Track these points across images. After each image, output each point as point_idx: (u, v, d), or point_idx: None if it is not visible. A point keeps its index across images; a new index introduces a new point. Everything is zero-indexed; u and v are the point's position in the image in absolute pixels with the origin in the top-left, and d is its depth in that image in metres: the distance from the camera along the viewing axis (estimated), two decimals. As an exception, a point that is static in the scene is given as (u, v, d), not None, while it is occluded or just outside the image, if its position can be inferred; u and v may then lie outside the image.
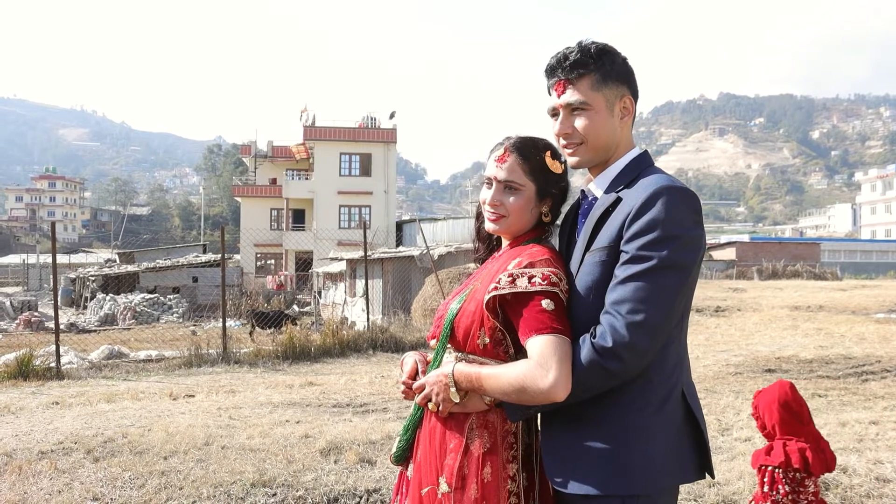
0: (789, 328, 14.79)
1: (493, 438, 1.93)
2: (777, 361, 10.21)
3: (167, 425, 6.16)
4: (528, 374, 1.74)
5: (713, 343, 12.89)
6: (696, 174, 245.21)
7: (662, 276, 1.71)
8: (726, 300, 20.51)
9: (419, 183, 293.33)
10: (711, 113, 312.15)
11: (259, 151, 51.58)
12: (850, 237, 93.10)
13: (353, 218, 44.82)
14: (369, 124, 46.78)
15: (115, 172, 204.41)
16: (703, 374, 9.01)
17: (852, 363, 9.91)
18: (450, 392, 1.91)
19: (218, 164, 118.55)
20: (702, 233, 1.79)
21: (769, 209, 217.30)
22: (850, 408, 6.89)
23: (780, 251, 46.59)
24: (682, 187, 1.79)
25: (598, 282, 1.81)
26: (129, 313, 23.56)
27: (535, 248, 1.97)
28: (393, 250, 22.77)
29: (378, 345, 12.39)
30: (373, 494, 4.39)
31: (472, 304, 1.97)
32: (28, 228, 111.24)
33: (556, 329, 1.76)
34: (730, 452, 5.23)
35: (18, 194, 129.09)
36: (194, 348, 11.04)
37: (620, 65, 1.92)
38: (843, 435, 5.66)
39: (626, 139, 1.97)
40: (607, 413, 1.79)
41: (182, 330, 18.73)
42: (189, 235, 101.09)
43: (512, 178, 2.00)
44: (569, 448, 1.83)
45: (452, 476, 1.90)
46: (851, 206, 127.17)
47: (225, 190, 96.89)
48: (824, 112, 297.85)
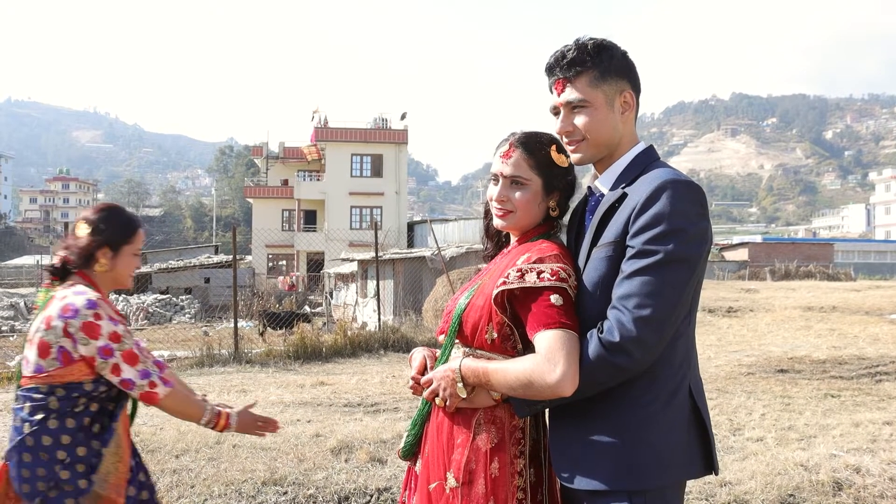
0: (802, 329, 14.70)
1: (500, 434, 1.93)
2: (790, 362, 10.14)
3: (179, 424, 6.17)
4: (536, 369, 1.74)
5: (725, 343, 12.83)
6: (708, 175, 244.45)
7: (669, 270, 1.70)
8: (738, 301, 20.41)
9: (430, 184, 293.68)
10: (724, 113, 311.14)
11: (271, 153, 51.71)
12: (864, 238, 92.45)
13: (365, 219, 44.85)
14: (381, 125, 46.83)
15: (128, 174, 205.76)
16: (715, 374, 8.98)
17: (866, 364, 9.84)
18: (457, 387, 1.91)
19: (230, 165, 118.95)
20: (707, 225, 1.78)
21: (782, 210, 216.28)
22: (864, 408, 6.84)
23: (793, 252, 46.33)
24: (686, 180, 1.79)
25: (605, 277, 1.81)
26: (142, 314, 23.69)
27: (543, 243, 1.97)
28: (404, 251, 22.79)
29: (389, 345, 12.40)
30: (383, 493, 4.39)
31: (480, 299, 1.97)
32: (42, 230, 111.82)
33: (564, 324, 1.76)
34: (741, 452, 5.21)
35: (33, 196, 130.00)
36: (206, 348, 11.08)
37: (619, 59, 1.92)
38: (857, 435, 5.62)
39: (629, 134, 1.97)
40: (615, 408, 1.79)
41: (194, 330, 18.79)
42: (201, 236, 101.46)
43: (518, 172, 2.00)
44: (576, 443, 1.83)
45: (460, 471, 1.91)
46: (865, 206, 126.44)
47: (237, 191, 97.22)
48: (838, 112, 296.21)
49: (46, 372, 2.36)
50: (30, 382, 2.38)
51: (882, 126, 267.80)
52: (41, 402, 2.36)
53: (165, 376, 2.47)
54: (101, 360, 2.36)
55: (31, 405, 2.37)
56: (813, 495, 4.27)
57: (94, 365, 2.37)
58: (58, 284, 2.51)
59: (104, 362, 2.36)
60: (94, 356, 2.35)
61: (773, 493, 4.27)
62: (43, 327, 2.37)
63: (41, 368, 2.37)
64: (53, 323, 2.36)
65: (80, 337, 2.34)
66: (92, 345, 2.35)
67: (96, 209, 2.62)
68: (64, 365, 2.36)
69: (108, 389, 2.43)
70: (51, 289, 2.51)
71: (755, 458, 4.98)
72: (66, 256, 2.50)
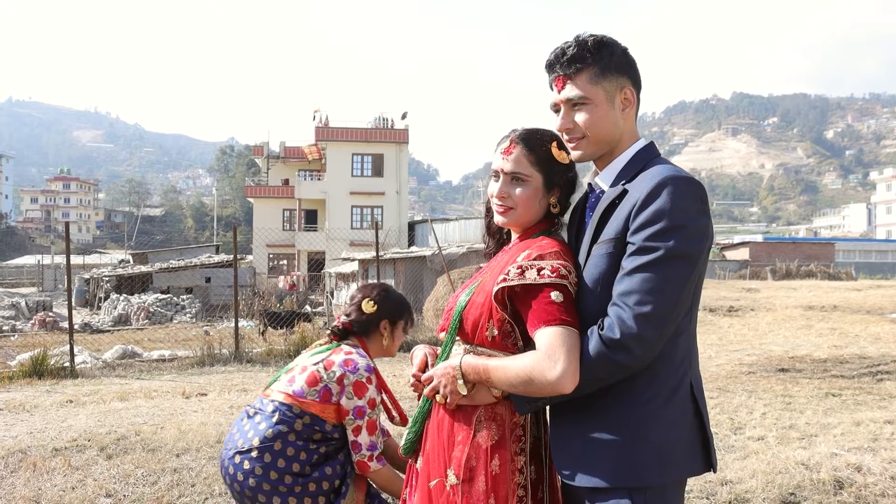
0: (803, 328, 14.68)
1: (501, 431, 1.93)
2: (791, 361, 10.13)
3: (180, 423, 6.18)
4: (537, 366, 1.73)
5: (726, 342, 12.82)
6: (709, 174, 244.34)
7: (670, 267, 1.69)
8: (739, 300, 20.40)
9: (431, 184, 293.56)
10: (724, 113, 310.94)
11: (271, 152, 51.74)
12: (865, 237, 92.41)
13: (366, 218, 44.86)
14: (381, 125, 46.82)
15: (129, 174, 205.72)
16: (715, 374, 8.97)
17: (867, 363, 9.83)
18: (457, 384, 1.91)
19: (230, 165, 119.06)
20: (708, 222, 1.78)
21: (783, 209, 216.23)
22: (865, 407, 6.83)
23: (794, 251, 46.33)
24: (686, 177, 1.78)
25: (605, 274, 1.80)
26: (143, 313, 23.68)
27: (544, 240, 1.96)
28: (405, 251, 22.78)
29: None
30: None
31: (480, 296, 1.97)
32: (43, 230, 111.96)
33: (564, 321, 1.76)
34: (742, 451, 5.20)
35: (33, 196, 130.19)
36: (207, 348, 11.09)
37: (619, 56, 1.91)
38: (858, 434, 5.62)
39: (629, 130, 1.96)
40: (616, 405, 1.78)
41: (195, 330, 18.79)
42: (202, 236, 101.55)
43: (518, 169, 1.99)
44: (577, 440, 1.83)
45: (461, 468, 1.91)
46: (866, 205, 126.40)
47: (237, 191, 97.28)
48: (839, 111, 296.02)
49: (305, 399, 2.74)
50: (288, 399, 2.75)
51: (883, 125, 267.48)
52: (290, 419, 2.72)
53: (380, 454, 2.84)
54: (352, 417, 2.75)
55: (281, 417, 2.73)
56: (814, 494, 4.26)
57: (344, 416, 2.76)
58: (335, 344, 2.92)
59: (352, 420, 2.75)
60: (350, 410, 2.74)
61: (774, 492, 4.27)
62: (322, 367, 2.78)
63: (302, 393, 2.75)
64: (333, 369, 2.77)
65: (349, 391, 2.75)
66: (354, 401, 2.74)
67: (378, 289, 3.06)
68: (321, 401, 2.74)
69: (339, 439, 2.80)
70: (329, 345, 2.93)
71: (756, 456, 4.97)
72: (349, 323, 2.96)
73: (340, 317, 3.00)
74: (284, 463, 2.68)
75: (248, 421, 2.79)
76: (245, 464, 2.68)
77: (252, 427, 2.75)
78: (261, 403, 2.81)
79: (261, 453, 2.67)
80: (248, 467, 2.67)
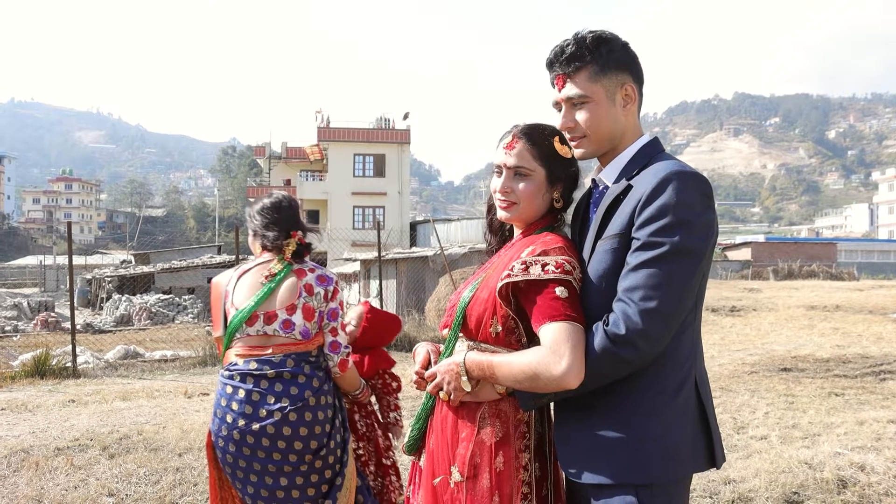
0: (805, 328, 14.66)
1: (505, 428, 1.92)
2: (793, 360, 10.12)
3: (182, 423, 6.19)
4: (541, 361, 1.72)
5: (728, 342, 12.80)
6: (710, 174, 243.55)
7: (675, 262, 1.68)
8: (742, 300, 20.37)
9: (433, 184, 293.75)
10: (726, 113, 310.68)
11: (273, 153, 51.71)
12: (867, 237, 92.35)
13: (367, 219, 44.87)
14: (383, 125, 46.82)
15: (131, 174, 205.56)
16: (718, 373, 8.96)
17: (870, 362, 9.81)
18: (461, 381, 1.90)
19: (232, 165, 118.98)
20: (713, 217, 1.76)
21: (785, 209, 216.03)
22: (868, 406, 6.82)
23: (796, 251, 46.27)
24: (692, 172, 1.77)
25: (610, 270, 1.79)
26: (145, 314, 23.68)
27: (548, 236, 1.95)
28: (407, 251, 22.76)
29: (392, 344, 12.38)
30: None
31: (484, 292, 1.95)
32: (45, 230, 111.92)
33: (569, 316, 1.75)
34: (745, 450, 5.20)
35: (36, 196, 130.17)
36: (209, 348, 11.08)
37: (619, 52, 1.89)
38: (861, 433, 5.61)
39: (632, 126, 1.95)
40: (621, 401, 1.77)
41: (197, 330, 18.77)
42: (204, 237, 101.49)
43: (521, 163, 1.98)
44: (582, 437, 1.82)
45: (465, 465, 1.90)
46: (868, 205, 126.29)
47: (239, 191, 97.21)
48: (841, 111, 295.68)
49: (313, 337, 2.81)
50: (301, 346, 2.78)
51: (885, 125, 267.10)
52: (313, 361, 2.81)
53: None
54: (328, 320, 2.85)
55: (310, 366, 2.79)
56: (817, 493, 4.25)
57: (321, 322, 2.83)
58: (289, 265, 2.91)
59: (328, 322, 2.85)
60: (326, 314, 2.84)
61: (778, 491, 4.26)
62: (307, 295, 2.83)
63: (308, 332, 2.81)
64: (317, 290, 2.85)
65: (329, 298, 2.86)
66: (329, 304, 2.85)
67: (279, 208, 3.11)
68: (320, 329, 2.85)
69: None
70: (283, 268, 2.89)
71: (759, 456, 4.97)
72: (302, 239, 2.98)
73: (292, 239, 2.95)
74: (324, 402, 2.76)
75: (269, 382, 2.71)
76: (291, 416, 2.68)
77: (284, 386, 2.71)
78: (270, 364, 2.73)
79: (305, 405, 2.71)
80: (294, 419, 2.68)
